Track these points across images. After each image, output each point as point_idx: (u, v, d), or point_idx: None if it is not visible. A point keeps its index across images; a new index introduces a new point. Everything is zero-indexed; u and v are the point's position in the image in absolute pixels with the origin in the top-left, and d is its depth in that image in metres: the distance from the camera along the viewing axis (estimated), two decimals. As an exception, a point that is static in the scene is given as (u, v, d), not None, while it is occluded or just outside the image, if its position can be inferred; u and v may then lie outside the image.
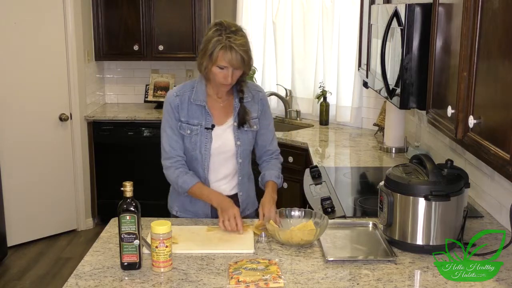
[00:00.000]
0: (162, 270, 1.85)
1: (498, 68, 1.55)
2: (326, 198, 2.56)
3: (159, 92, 5.20)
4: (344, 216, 2.40)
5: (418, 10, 2.22)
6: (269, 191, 2.35)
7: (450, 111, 1.86)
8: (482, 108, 1.67)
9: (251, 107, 2.41)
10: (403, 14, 2.26)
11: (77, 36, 4.64)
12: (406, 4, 2.24)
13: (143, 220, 2.13)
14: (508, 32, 1.48)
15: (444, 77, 2.01)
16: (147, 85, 5.29)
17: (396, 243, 2.03)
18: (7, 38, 4.27)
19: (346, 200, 2.65)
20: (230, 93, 2.41)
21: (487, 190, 2.40)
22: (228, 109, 2.40)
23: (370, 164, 3.38)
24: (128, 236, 1.83)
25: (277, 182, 2.43)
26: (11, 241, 4.35)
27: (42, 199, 4.58)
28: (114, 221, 2.25)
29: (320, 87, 4.51)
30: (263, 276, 1.77)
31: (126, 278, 1.83)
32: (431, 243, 1.98)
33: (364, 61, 3.37)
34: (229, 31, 2.21)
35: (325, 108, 4.50)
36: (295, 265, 1.91)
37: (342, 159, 3.70)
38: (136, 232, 1.83)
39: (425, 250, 1.97)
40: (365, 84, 3.50)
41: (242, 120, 2.38)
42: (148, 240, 1.93)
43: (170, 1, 4.96)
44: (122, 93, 5.49)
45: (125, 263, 1.86)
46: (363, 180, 3.15)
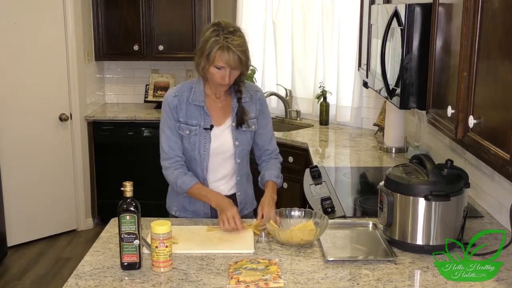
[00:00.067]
0: (162, 270, 1.85)
1: (498, 68, 1.55)
2: (326, 198, 2.56)
3: (159, 92, 5.20)
4: (344, 216, 2.40)
5: (418, 10, 2.22)
6: (269, 191, 2.35)
7: (450, 111, 1.86)
8: (482, 108, 1.67)
9: (249, 107, 2.41)
10: (403, 14, 2.26)
11: (77, 36, 4.64)
12: (406, 4, 2.24)
13: (143, 220, 2.13)
14: (508, 32, 1.48)
15: (444, 77, 2.01)
16: (147, 85, 5.29)
17: (396, 243, 2.03)
18: (7, 38, 4.27)
19: (346, 200, 2.65)
20: (228, 93, 2.40)
21: (487, 190, 2.39)
22: (227, 109, 2.40)
23: (370, 164, 3.38)
24: (128, 236, 1.83)
25: (277, 182, 2.42)
26: (11, 241, 4.35)
27: (42, 199, 4.58)
28: (114, 221, 2.25)
29: (320, 87, 4.51)
30: (263, 276, 1.77)
31: (126, 278, 1.83)
32: (431, 243, 1.98)
33: (364, 61, 3.37)
34: (227, 32, 2.21)
35: (325, 108, 4.50)
36: (295, 265, 1.91)
37: (342, 159, 3.70)
38: (136, 232, 1.83)
39: (425, 250, 1.97)
40: (365, 84, 3.49)
41: (241, 120, 2.37)
42: (148, 240, 1.93)
43: (170, 1, 4.96)
44: (122, 93, 5.49)
45: (125, 263, 1.86)
46: (363, 180, 3.15)
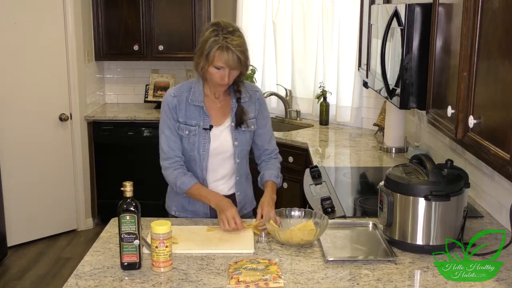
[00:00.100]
0: (162, 270, 1.85)
1: (498, 68, 1.55)
2: (326, 198, 2.56)
3: (159, 92, 5.19)
4: (344, 216, 2.40)
5: (418, 10, 2.22)
6: (269, 191, 2.35)
7: (450, 111, 1.86)
8: (482, 108, 1.67)
9: (249, 107, 2.41)
10: (403, 14, 2.26)
11: (77, 36, 4.64)
12: (406, 4, 2.24)
13: (143, 220, 2.13)
14: (508, 32, 1.48)
15: (444, 77, 2.01)
16: (147, 85, 5.29)
17: (396, 243, 2.03)
18: (7, 38, 4.27)
19: (346, 200, 2.65)
20: (228, 94, 2.40)
21: (487, 190, 2.39)
22: (226, 110, 2.40)
23: (370, 164, 3.38)
24: (128, 236, 1.83)
25: (277, 182, 2.42)
26: (11, 241, 4.35)
27: (42, 199, 4.58)
28: (114, 221, 2.25)
29: (320, 87, 4.51)
30: (263, 276, 1.77)
31: (126, 278, 1.83)
32: (431, 243, 1.98)
33: (364, 61, 3.37)
34: (226, 32, 2.21)
35: (325, 108, 4.50)
36: (295, 265, 1.91)
37: (342, 159, 3.70)
38: (136, 232, 1.83)
39: (425, 250, 1.97)
40: (365, 84, 3.49)
41: (240, 120, 2.37)
42: (148, 240, 1.93)
43: (170, 1, 4.96)
44: (122, 93, 5.49)
45: (125, 263, 1.86)
46: (363, 180, 3.15)
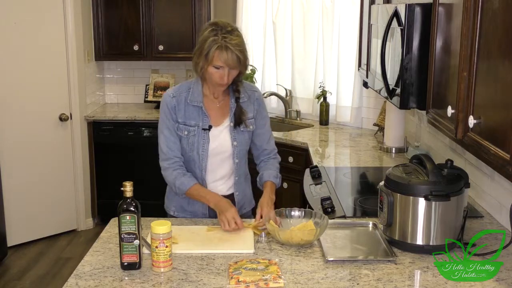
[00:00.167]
0: (162, 270, 1.85)
1: (498, 68, 1.55)
2: (326, 198, 2.56)
3: (159, 92, 5.19)
4: (344, 216, 2.40)
5: (418, 10, 2.22)
6: (268, 192, 2.35)
7: (450, 111, 1.86)
8: (482, 108, 1.67)
9: (247, 107, 2.41)
10: (403, 14, 2.26)
11: (77, 36, 4.64)
12: (406, 4, 2.24)
13: (143, 220, 2.13)
14: (508, 32, 1.48)
15: (444, 77, 2.01)
16: (147, 85, 5.29)
17: (396, 243, 2.03)
18: (7, 38, 4.27)
19: (346, 200, 2.65)
20: (226, 94, 2.40)
21: (487, 190, 2.39)
22: (225, 110, 2.40)
23: (370, 164, 3.38)
24: (128, 236, 1.83)
25: (275, 182, 2.42)
26: (11, 241, 4.35)
27: (42, 199, 4.58)
28: (114, 221, 2.25)
29: (320, 87, 4.51)
30: (263, 276, 1.77)
31: (126, 278, 1.83)
32: (431, 243, 1.98)
33: (364, 61, 3.37)
34: (225, 31, 2.21)
35: (325, 108, 4.50)
36: (295, 265, 1.91)
37: (342, 159, 3.70)
38: (136, 232, 1.83)
39: (425, 250, 1.97)
40: (365, 84, 3.49)
41: (239, 120, 2.37)
42: (148, 240, 1.93)
43: (170, 1, 4.96)
44: (122, 93, 5.49)
45: (125, 263, 1.86)
46: (363, 180, 3.14)
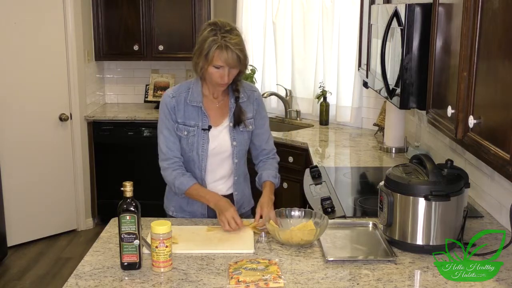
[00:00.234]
0: (162, 270, 1.85)
1: (498, 68, 1.55)
2: (326, 198, 2.56)
3: (159, 92, 5.19)
4: (344, 216, 2.40)
5: (418, 10, 2.22)
6: (267, 192, 2.35)
7: (450, 111, 1.86)
8: (482, 108, 1.67)
9: (247, 107, 2.41)
10: (403, 14, 2.26)
11: (77, 36, 4.64)
12: (406, 4, 2.24)
13: (143, 220, 2.13)
14: (508, 32, 1.48)
15: (444, 77, 2.01)
16: (147, 85, 5.29)
17: (396, 243, 2.03)
18: (7, 38, 4.27)
19: (346, 200, 2.65)
20: (226, 93, 2.40)
21: (487, 190, 2.39)
22: (224, 110, 2.40)
23: (370, 164, 3.38)
24: (128, 236, 1.83)
25: (275, 182, 2.42)
26: (11, 241, 4.35)
27: (42, 199, 4.58)
28: (114, 221, 2.25)
29: (320, 87, 4.51)
30: (263, 276, 1.77)
31: (126, 278, 1.83)
32: (431, 243, 1.98)
33: (364, 61, 3.37)
34: (224, 31, 2.21)
35: (325, 108, 4.50)
36: (295, 265, 1.91)
37: (342, 159, 3.70)
38: (136, 232, 1.83)
39: (425, 250, 1.97)
40: (365, 84, 3.49)
41: (238, 120, 2.37)
42: (148, 240, 1.93)
43: (170, 1, 4.96)
44: (122, 93, 5.49)
45: (125, 263, 1.86)
46: (363, 180, 3.14)
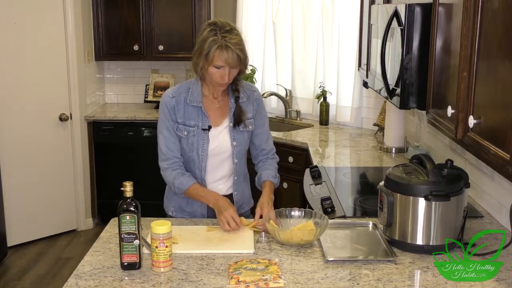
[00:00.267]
0: (162, 270, 1.85)
1: (498, 68, 1.55)
2: (326, 198, 2.56)
3: (159, 92, 5.19)
4: (344, 216, 2.40)
5: (418, 10, 2.22)
6: (267, 191, 2.35)
7: (450, 111, 1.86)
8: (482, 108, 1.67)
9: (247, 107, 2.41)
10: (403, 14, 2.26)
11: (77, 36, 4.64)
12: (406, 4, 2.24)
13: (143, 220, 2.13)
14: (508, 32, 1.48)
15: (444, 77, 2.01)
16: (147, 85, 5.29)
17: (396, 243, 2.03)
18: (7, 38, 4.27)
19: (346, 200, 2.65)
20: (226, 93, 2.40)
21: (487, 190, 2.39)
22: (224, 110, 2.40)
23: (370, 164, 3.38)
24: (128, 236, 1.83)
25: (274, 182, 2.42)
26: (11, 241, 4.35)
27: (42, 199, 4.58)
28: (114, 221, 2.25)
29: (320, 87, 4.51)
30: (263, 276, 1.77)
31: (126, 278, 1.83)
32: (431, 243, 1.98)
33: (364, 61, 3.37)
34: (224, 31, 2.21)
35: (325, 108, 4.50)
36: (295, 265, 1.91)
37: (342, 159, 3.70)
38: (136, 232, 1.83)
39: (425, 250, 1.97)
40: (365, 84, 3.49)
41: (238, 120, 2.37)
42: (148, 240, 1.93)
43: (170, 1, 4.97)
44: (122, 93, 5.50)
45: (125, 263, 1.86)
46: (363, 180, 3.14)
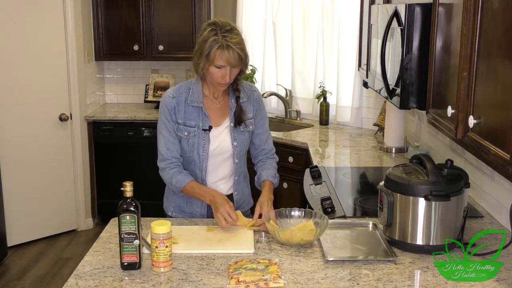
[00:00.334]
0: (162, 270, 1.85)
1: (498, 68, 1.55)
2: (326, 198, 2.56)
3: (159, 92, 5.19)
4: (344, 216, 2.40)
5: (418, 10, 2.22)
6: (266, 191, 2.35)
7: (450, 111, 1.86)
8: (482, 108, 1.67)
9: (247, 107, 2.41)
10: (403, 14, 2.26)
11: (77, 36, 4.64)
12: (406, 4, 2.24)
13: (143, 220, 2.13)
14: (508, 32, 1.48)
15: (444, 77, 2.01)
16: (147, 85, 5.29)
17: (396, 243, 2.03)
18: (7, 38, 4.27)
19: (346, 200, 2.65)
20: (226, 94, 2.40)
21: (487, 190, 2.39)
22: (225, 110, 2.40)
23: (370, 164, 3.38)
24: (128, 236, 1.83)
25: (274, 182, 2.42)
26: (11, 241, 4.35)
27: (42, 199, 4.58)
28: (114, 221, 2.25)
29: (320, 87, 4.51)
30: (263, 276, 1.77)
31: (126, 278, 1.83)
32: (431, 243, 1.98)
33: (364, 61, 3.37)
34: (225, 30, 2.21)
35: (325, 108, 4.50)
36: (295, 265, 1.91)
37: (342, 159, 3.70)
38: (136, 232, 1.83)
39: (425, 250, 1.97)
40: (365, 84, 3.49)
41: (239, 120, 2.37)
42: (148, 240, 1.93)
43: (170, 1, 4.96)
44: (122, 93, 5.49)
45: (125, 263, 1.86)
46: (363, 180, 3.14)
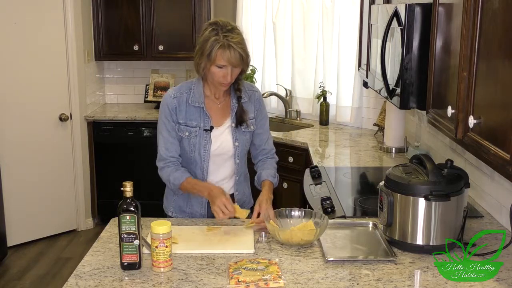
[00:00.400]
0: (162, 270, 1.85)
1: (498, 68, 1.55)
2: (326, 198, 2.56)
3: (159, 92, 5.20)
4: (344, 216, 2.40)
5: (418, 10, 2.22)
6: (266, 190, 2.35)
7: (450, 111, 1.86)
8: (482, 108, 1.67)
9: (248, 107, 2.41)
10: (403, 14, 2.26)
11: (77, 36, 4.64)
12: (406, 4, 2.24)
13: (143, 220, 2.13)
14: (508, 32, 1.48)
15: (444, 77, 2.01)
16: (147, 85, 5.29)
17: (396, 243, 2.03)
18: (7, 38, 4.27)
19: (346, 200, 2.65)
20: (227, 94, 2.40)
21: (487, 190, 2.39)
22: (226, 110, 2.40)
23: (370, 164, 3.38)
24: (128, 236, 1.83)
25: (273, 182, 2.43)
26: (11, 241, 4.35)
27: (42, 199, 4.58)
28: (114, 221, 2.25)
29: (320, 87, 4.51)
30: (263, 276, 1.77)
31: (126, 278, 1.83)
32: (431, 243, 1.98)
33: (364, 61, 3.37)
34: (226, 30, 2.21)
35: (325, 108, 4.50)
36: (295, 265, 1.91)
37: (342, 159, 3.70)
38: (136, 232, 1.84)
39: (425, 250, 1.97)
40: (365, 84, 3.49)
41: (240, 120, 2.37)
42: (148, 240, 1.93)
43: (170, 1, 4.96)
44: (122, 93, 5.50)
45: (125, 263, 1.86)
46: (363, 180, 3.14)
